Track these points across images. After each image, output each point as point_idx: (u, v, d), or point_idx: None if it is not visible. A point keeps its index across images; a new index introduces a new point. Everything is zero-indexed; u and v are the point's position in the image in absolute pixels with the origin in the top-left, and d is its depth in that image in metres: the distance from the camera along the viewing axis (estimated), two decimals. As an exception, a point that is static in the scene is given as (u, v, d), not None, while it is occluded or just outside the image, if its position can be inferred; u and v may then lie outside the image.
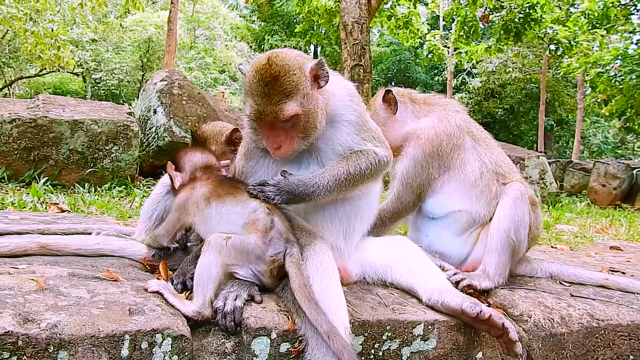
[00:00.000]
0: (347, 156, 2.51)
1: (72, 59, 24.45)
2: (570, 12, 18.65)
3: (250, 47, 40.11)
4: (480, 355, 2.50)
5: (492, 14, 18.72)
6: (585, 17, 18.02)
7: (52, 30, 22.44)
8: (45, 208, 4.90)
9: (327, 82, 2.46)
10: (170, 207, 2.94)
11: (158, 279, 2.41)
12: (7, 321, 1.72)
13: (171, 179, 2.65)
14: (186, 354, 1.96)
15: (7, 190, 5.70)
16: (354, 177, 2.46)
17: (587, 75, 21.39)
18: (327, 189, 2.40)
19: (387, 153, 2.63)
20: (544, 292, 2.96)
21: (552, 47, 18.99)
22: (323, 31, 20.15)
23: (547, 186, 11.20)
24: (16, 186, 6.03)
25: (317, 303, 2.06)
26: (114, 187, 6.72)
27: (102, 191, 6.46)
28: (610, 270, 3.91)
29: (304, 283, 2.14)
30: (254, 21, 38.93)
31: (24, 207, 4.80)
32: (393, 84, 39.74)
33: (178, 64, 32.77)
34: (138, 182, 7.38)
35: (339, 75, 2.76)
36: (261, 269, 2.27)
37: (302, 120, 2.40)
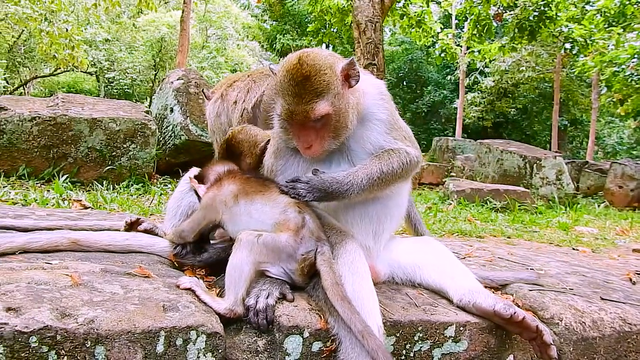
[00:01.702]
0: (379, 155, 2.48)
1: (86, 58, 24.65)
2: (586, 10, 18.50)
3: (262, 46, 40.18)
4: (511, 358, 2.47)
5: (506, 12, 18.60)
6: (601, 15, 17.84)
7: (67, 30, 22.63)
8: (68, 205, 4.93)
9: (357, 81, 2.43)
10: (194, 203, 2.94)
11: (188, 275, 2.41)
12: (45, 316, 1.72)
13: (195, 192, 2.63)
14: (219, 351, 1.95)
15: (28, 187, 5.75)
16: (387, 177, 2.43)
17: (602, 74, 21.20)
18: (360, 188, 2.38)
19: (418, 153, 2.59)
20: (574, 295, 2.92)
21: (567, 45, 18.85)
22: (335, 30, 20.10)
23: (563, 187, 11.09)
24: (36, 183, 6.07)
25: (350, 302, 2.04)
26: (132, 185, 6.76)
27: (120, 189, 6.50)
28: (637, 273, 3.87)
29: (336, 281, 2.11)
30: (266, 20, 39.03)
31: (47, 204, 4.83)
32: (405, 83, 39.58)
33: (190, 64, 32.88)
34: (155, 180, 7.41)
35: (369, 73, 2.74)
36: (292, 268, 2.25)
37: (333, 119, 2.38)
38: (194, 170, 2.77)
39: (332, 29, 19.72)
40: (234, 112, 4.41)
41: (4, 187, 5.56)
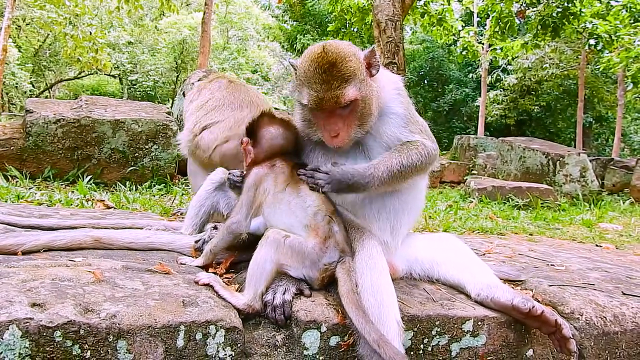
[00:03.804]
0: (398, 148, 2.49)
1: (110, 61, 25.03)
2: (611, 6, 18.15)
3: (282, 47, 40.29)
4: (530, 352, 2.46)
5: (529, 9, 18.39)
6: (626, 11, 17.51)
7: (91, 33, 23.03)
8: (92, 205, 5.03)
9: (378, 70, 2.48)
10: (216, 203, 2.98)
11: (207, 271, 2.45)
12: (69, 311, 1.77)
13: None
14: (238, 345, 1.98)
15: (53, 189, 5.87)
16: (407, 169, 2.43)
17: (628, 70, 20.78)
18: (381, 181, 2.39)
19: (435, 146, 2.60)
20: (595, 290, 2.89)
21: (592, 41, 18.55)
22: (355, 29, 20.07)
23: (588, 184, 10.93)
24: (61, 184, 6.20)
25: (365, 311, 2.04)
26: (154, 185, 6.85)
27: (143, 189, 6.60)
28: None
29: (352, 289, 2.10)
30: (286, 21, 39.11)
31: (71, 205, 4.93)
32: (426, 82, 39.27)
33: (212, 65, 33.15)
34: (177, 180, 7.50)
35: (385, 69, 2.76)
36: (313, 276, 2.25)
37: (359, 106, 2.40)
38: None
39: (352, 29, 19.70)
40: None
41: (29, 188, 5.69)
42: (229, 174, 2.85)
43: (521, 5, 18.14)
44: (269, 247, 2.19)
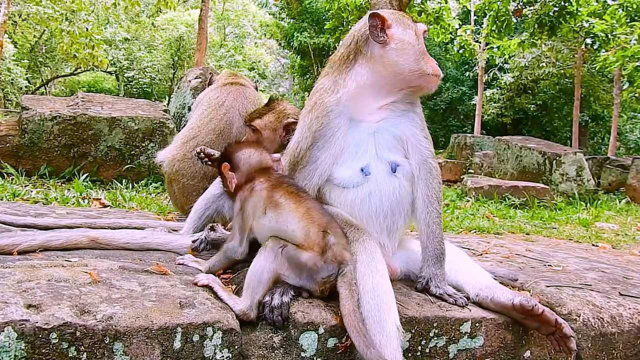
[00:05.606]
0: (428, 194, 2.58)
1: (106, 57, 24.99)
2: (608, 5, 18.15)
3: (279, 44, 40.23)
4: (528, 354, 2.46)
5: (525, 7, 18.39)
6: (623, 10, 17.52)
7: (87, 29, 22.99)
8: (87, 203, 5.01)
9: None
10: (222, 208, 2.97)
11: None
12: (65, 312, 1.76)
13: (225, 180, 2.53)
14: (236, 347, 1.97)
15: (49, 186, 5.85)
16: (440, 208, 2.63)
17: (624, 69, 20.79)
18: (442, 239, 2.59)
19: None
20: (592, 290, 2.89)
21: (588, 40, 18.57)
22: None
23: (584, 183, 10.95)
24: (57, 182, 6.18)
25: (367, 334, 1.98)
26: (150, 184, 6.83)
27: (139, 187, 6.57)
28: (658, 269, 3.81)
29: (354, 309, 2.04)
30: (283, 18, 39.04)
31: (67, 203, 4.91)
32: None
33: (208, 62, 33.08)
34: (173, 179, 7.47)
35: None
36: (311, 287, 2.22)
37: None
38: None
39: (349, 27, 19.67)
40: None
41: (25, 186, 5.66)
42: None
43: (518, 3, 18.15)
44: (267, 256, 2.16)
